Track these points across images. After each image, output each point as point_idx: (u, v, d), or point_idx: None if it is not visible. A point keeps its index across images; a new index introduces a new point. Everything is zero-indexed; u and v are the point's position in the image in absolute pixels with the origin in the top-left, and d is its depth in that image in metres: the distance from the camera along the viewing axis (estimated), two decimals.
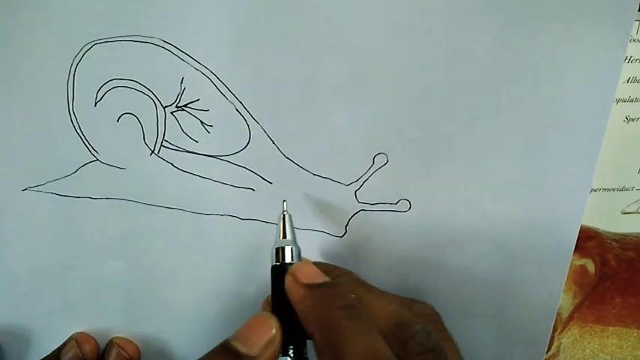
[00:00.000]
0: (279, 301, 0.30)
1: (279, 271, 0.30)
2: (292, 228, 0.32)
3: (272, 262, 0.31)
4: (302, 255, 0.32)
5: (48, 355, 0.38)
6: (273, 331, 0.29)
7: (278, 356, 0.29)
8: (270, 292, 0.31)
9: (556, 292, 0.37)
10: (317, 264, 0.31)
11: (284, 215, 0.32)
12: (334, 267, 0.34)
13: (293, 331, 0.29)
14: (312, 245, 0.37)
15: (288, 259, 0.31)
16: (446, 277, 0.37)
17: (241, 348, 0.28)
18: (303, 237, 0.37)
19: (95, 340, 0.39)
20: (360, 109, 0.34)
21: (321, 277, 0.30)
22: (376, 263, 0.37)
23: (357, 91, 0.33)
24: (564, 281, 0.36)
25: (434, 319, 0.34)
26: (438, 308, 0.37)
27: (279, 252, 0.31)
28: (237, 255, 0.38)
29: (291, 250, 0.31)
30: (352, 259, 0.37)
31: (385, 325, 0.29)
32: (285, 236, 0.32)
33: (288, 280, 0.29)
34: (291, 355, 0.29)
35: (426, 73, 0.32)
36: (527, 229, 0.35)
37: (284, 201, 0.33)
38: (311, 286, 0.29)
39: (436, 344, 0.28)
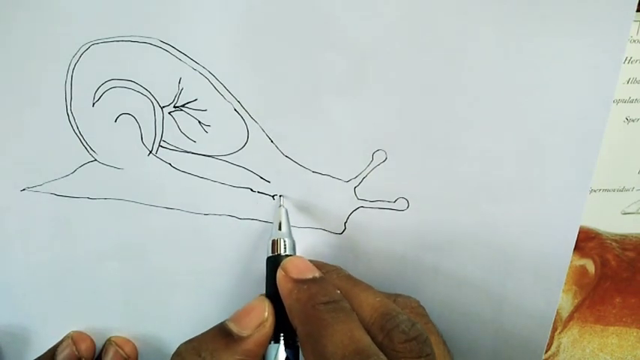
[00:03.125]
0: (273, 292, 0.31)
1: (274, 262, 0.32)
2: (288, 221, 0.34)
3: (267, 253, 0.33)
4: (302, 252, 0.33)
5: (43, 354, 0.38)
6: (266, 314, 0.31)
7: (269, 339, 0.31)
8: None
9: (554, 294, 0.37)
10: (309, 261, 0.33)
11: (280, 209, 0.35)
12: (324, 264, 0.35)
13: (285, 321, 0.30)
14: (311, 242, 0.37)
15: (282, 251, 0.33)
16: (444, 276, 0.37)
17: (234, 328, 0.30)
18: (303, 234, 0.37)
19: (91, 339, 0.39)
20: (358, 107, 0.33)
21: (310, 273, 0.31)
22: (374, 260, 0.37)
23: (355, 88, 0.33)
24: (563, 283, 0.36)
25: (418, 311, 0.35)
26: (436, 307, 0.37)
27: (275, 244, 0.33)
28: (236, 254, 0.38)
29: (285, 242, 0.33)
30: (351, 256, 0.37)
31: (371, 316, 0.30)
32: (280, 229, 0.34)
33: (279, 274, 0.31)
34: (282, 342, 0.31)
35: (426, 71, 0.32)
36: (526, 230, 0.35)
37: (280, 196, 0.35)
38: (298, 281, 0.30)
39: (420, 333, 0.29)
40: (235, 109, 0.34)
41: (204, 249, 0.37)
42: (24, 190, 0.36)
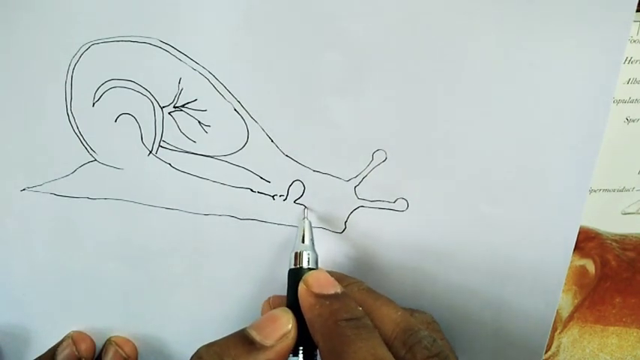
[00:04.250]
0: (294, 304, 0.31)
1: (296, 275, 0.32)
2: (311, 234, 0.35)
3: (290, 265, 0.33)
4: None
5: (44, 354, 0.38)
6: (289, 326, 0.30)
7: (290, 351, 0.30)
8: (270, 294, 0.34)
9: (554, 294, 0.37)
10: (329, 273, 0.33)
11: (304, 221, 0.35)
12: (345, 276, 0.35)
13: (305, 334, 0.30)
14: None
15: (305, 264, 0.33)
16: (443, 276, 0.37)
17: (256, 336, 0.30)
18: None
19: (91, 339, 0.39)
20: (358, 107, 0.33)
21: (332, 288, 0.31)
22: (374, 259, 0.37)
23: (355, 88, 0.33)
24: (562, 283, 0.36)
25: (434, 327, 0.35)
26: (435, 307, 0.37)
27: (297, 256, 0.33)
28: (236, 255, 0.38)
29: (309, 255, 0.33)
30: (351, 255, 0.37)
31: (392, 331, 0.30)
32: (303, 241, 0.34)
33: (301, 288, 0.31)
34: (301, 355, 0.31)
35: (426, 71, 0.32)
36: (526, 231, 0.35)
37: (305, 208, 0.36)
38: (320, 296, 0.30)
39: (441, 350, 0.29)
40: (235, 109, 0.34)
41: (204, 249, 0.37)
42: (24, 190, 0.36)
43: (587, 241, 0.42)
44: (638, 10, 0.30)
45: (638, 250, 0.43)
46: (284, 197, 0.36)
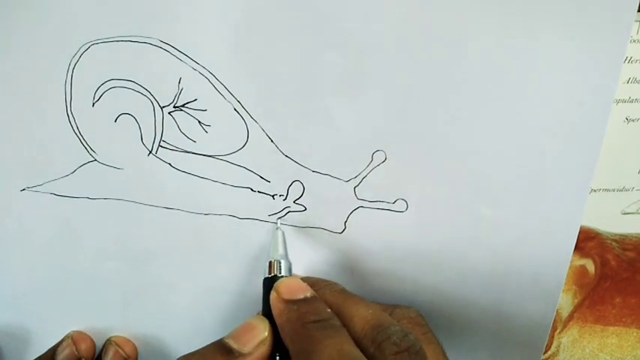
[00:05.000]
0: (269, 312, 0.32)
1: (270, 283, 0.33)
2: (284, 243, 0.36)
3: (264, 274, 0.34)
4: (302, 251, 0.34)
5: (44, 354, 0.38)
6: (266, 333, 0.31)
7: (267, 358, 0.31)
8: None
9: (554, 294, 0.37)
10: (304, 279, 0.34)
11: (277, 231, 0.36)
12: (319, 280, 0.35)
13: (280, 341, 0.31)
14: (311, 241, 0.37)
15: (278, 272, 0.34)
16: (443, 276, 0.37)
17: (234, 345, 0.31)
18: (303, 234, 0.37)
19: (91, 339, 0.39)
20: (358, 107, 0.33)
21: (302, 293, 0.32)
22: (374, 260, 0.37)
23: (355, 88, 0.33)
24: (562, 284, 0.36)
25: (417, 321, 0.35)
26: (435, 308, 0.37)
27: (272, 265, 0.34)
28: (236, 254, 0.38)
29: (281, 264, 0.34)
30: (351, 256, 0.37)
31: (362, 329, 0.30)
32: (277, 250, 0.35)
33: (272, 295, 0.32)
34: None
35: (425, 71, 0.32)
36: (525, 231, 0.35)
37: (278, 218, 0.36)
38: (289, 302, 0.31)
39: (412, 344, 0.29)
40: (235, 109, 0.34)
41: (204, 249, 0.37)
42: (24, 190, 0.36)
43: (587, 240, 0.42)
44: (638, 10, 0.30)
45: (638, 250, 0.43)
46: (284, 197, 0.36)
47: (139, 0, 0.32)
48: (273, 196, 0.36)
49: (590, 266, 0.43)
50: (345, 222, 0.36)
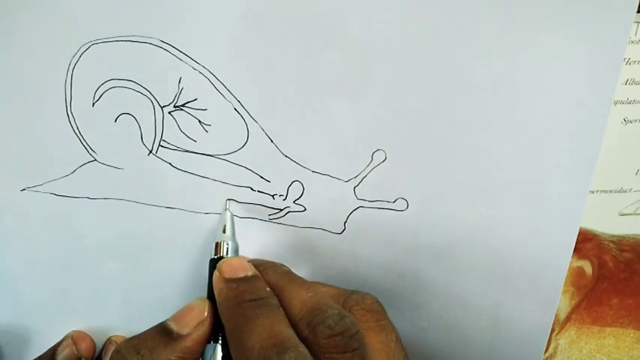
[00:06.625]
0: (212, 294, 0.32)
1: (215, 264, 0.33)
2: (232, 225, 0.36)
3: (211, 255, 0.35)
4: (302, 252, 0.34)
5: (44, 354, 0.38)
6: (205, 314, 0.32)
7: (208, 338, 0.32)
8: None
9: (553, 296, 0.37)
10: (251, 261, 0.34)
11: (226, 212, 0.36)
12: (264, 262, 0.35)
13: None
14: (311, 242, 0.37)
15: (224, 254, 0.34)
16: (442, 276, 0.37)
17: (174, 326, 0.31)
18: (302, 234, 0.37)
19: (91, 339, 0.39)
20: (358, 107, 0.33)
21: (243, 272, 0.32)
22: (374, 260, 0.37)
23: (355, 88, 0.33)
24: (562, 286, 0.36)
25: (371, 308, 0.34)
26: (434, 307, 0.37)
27: (218, 246, 0.35)
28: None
29: (228, 245, 0.35)
30: (350, 256, 0.38)
31: (299, 312, 0.30)
32: (225, 232, 0.35)
33: (214, 275, 0.32)
34: (220, 341, 0.32)
35: (425, 71, 0.32)
36: (525, 232, 0.35)
37: (228, 199, 0.36)
38: (230, 280, 0.32)
39: (347, 328, 0.29)
40: (235, 109, 0.34)
41: (205, 248, 0.37)
42: (24, 190, 0.36)
43: (584, 242, 0.43)
44: (638, 11, 0.30)
45: (636, 251, 0.43)
46: (284, 197, 0.36)
47: (139, 0, 0.32)
48: (273, 195, 0.36)
49: (588, 267, 0.43)
50: (345, 222, 0.37)
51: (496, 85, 0.32)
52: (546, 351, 0.45)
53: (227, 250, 0.34)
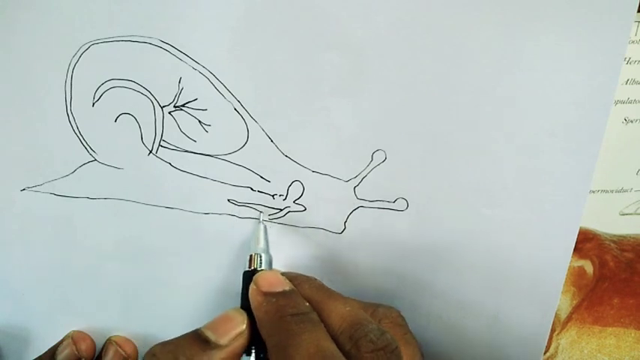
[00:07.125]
0: (248, 305, 0.32)
1: (250, 276, 0.33)
2: (266, 237, 0.36)
3: (245, 268, 0.34)
4: (301, 252, 0.34)
5: (43, 354, 0.38)
6: (243, 326, 0.31)
7: (244, 351, 0.31)
8: None
9: (553, 297, 0.37)
10: (284, 273, 0.34)
11: (259, 225, 0.36)
12: (299, 275, 0.35)
13: (257, 334, 0.31)
14: (311, 242, 0.37)
15: (258, 266, 0.34)
16: (442, 276, 0.37)
17: (211, 336, 0.31)
18: (302, 234, 0.37)
19: (91, 339, 0.39)
20: (358, 107, 0.33)
21: (281, 286, 0.32)
22: (374, 260, 0.37)
23: (355, 88, 0.33)
24: (561, 286, 0.36)
25: (397, 322, 0.35)
26: (434, 308, 0.37)
27: (252, 259, 0.34)
28: (236, 254, 0.38)
29: (262, 257, 0.34)
30: (350, 256, 0.37)
31: (339, 326, 0.30)
32: (258, 244, 0.35)
33: (251, 288, 0.32)
34: (253, 355, 0.31)
35: (425, 71, 0.32)
36: (525, 232, 0.35)
37: (261, 212, 0.36)
38: (268, 294, 0.31)
39: (388, 343, 0.29)
40: (235, 109, 0.34)
41: (205, 248, 0.37)
42: (24, 190, 0.36)
43: (585, 241, 0.42)
44: (638, 11, 0.30)
45: (636, 250, 0.43)
46: (284, 197, 0.36)
47: (139, 0, 0.32)
48: (273, 195, 0.36)
49: (589, 267, 0.43)
50: (345, 222, 0.36)
51: (496, 85, 0.32)
52: (547, 351, 0.45)
53: (261, 263, 0.34)
